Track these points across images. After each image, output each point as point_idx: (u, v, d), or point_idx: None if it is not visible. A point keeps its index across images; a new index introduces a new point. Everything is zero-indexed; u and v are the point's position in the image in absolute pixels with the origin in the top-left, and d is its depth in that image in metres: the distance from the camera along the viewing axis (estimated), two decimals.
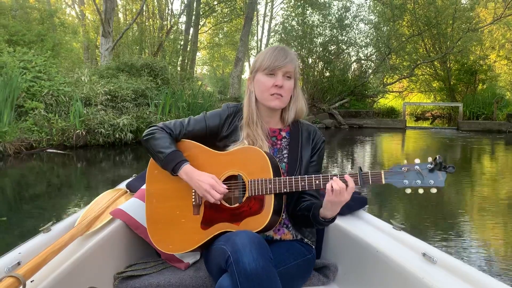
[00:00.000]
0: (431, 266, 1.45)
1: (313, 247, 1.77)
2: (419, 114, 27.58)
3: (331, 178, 1.47)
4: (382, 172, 1.46)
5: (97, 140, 9.75)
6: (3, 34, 11.83)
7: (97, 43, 20.52)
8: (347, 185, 1.44)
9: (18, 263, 1.43)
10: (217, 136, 1.75)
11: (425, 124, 22.99)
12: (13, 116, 8.91)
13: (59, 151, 8.98)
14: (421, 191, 1.43)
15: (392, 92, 25.00)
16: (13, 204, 5.27)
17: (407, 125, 19.36)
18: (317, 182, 1.51)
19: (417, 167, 1.44)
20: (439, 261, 1.46)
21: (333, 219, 1.55)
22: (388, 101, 25.67)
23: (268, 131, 1.74)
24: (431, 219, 4.66)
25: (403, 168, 1.45)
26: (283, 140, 1.75)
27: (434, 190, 1.42)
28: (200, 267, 1.87)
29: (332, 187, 1.44)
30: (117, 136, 9.87)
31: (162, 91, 12.25)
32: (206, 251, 1.65)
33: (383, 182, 1.46)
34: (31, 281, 1.34)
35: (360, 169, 1.49)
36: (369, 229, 1.87)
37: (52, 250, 1.45)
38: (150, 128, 1.72)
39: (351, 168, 8.21)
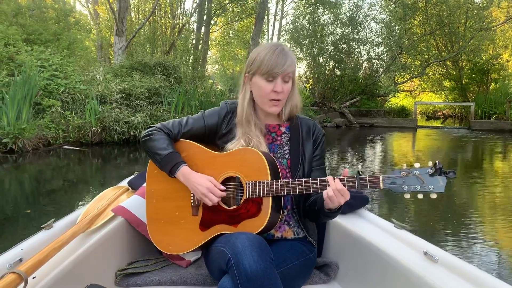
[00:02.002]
0: (432, 265, 1.45)
1: (315, 246, 1.76)
2: (430, 113, 27.44)
3: (328, 183, 1.47)
4: (381, 176, 1.44)
5: (112, 137, 9.93)
6: (21, 34, 12.07)
7: (111, 42, 20.77)
8: (339, 190, 1.45)
9: (20, 260, 1.43)
10: (216, 135, 1.73)
11: (436, 123, 22.86)
12: (31, 114, 9.11)
13: (75, 148, 9.18)
14: (420, 196, 1.41)
15: (403, 91, 24.92)
16: (31, 199, 5.42)
17: (418, 124, 19.28)
18: (314, 185, 1.50)
19: (416, 171, 1.41)
20: (441, 259, 1.45)
21: (339, 208, 1.55)
22: (399, 100, 25.58)
23: (265, 127, 1.73)
24: (440, 219, 4.64)
25: (402, 173, 1.42)
26: (283, 135, 1.74)
27: (434, 196, 1.40)
28: (201, 265, 1.88)
29: (327, 195, 1.45)
30: (131, 133, 10.03)
31: (175, 90, 12.41)
32: (206, 251, 1.64)
33: (381, 187, 1.44)
34: (33, 278, 1.35)
35: (358, 173, 1.47)
36: (370, 228, 1.87)
37: (53, 247, 1.45)
38: (148, 129, 1.70)
39: (361, 167, 8.27)
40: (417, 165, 1.42)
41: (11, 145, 8.08)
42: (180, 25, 21.50)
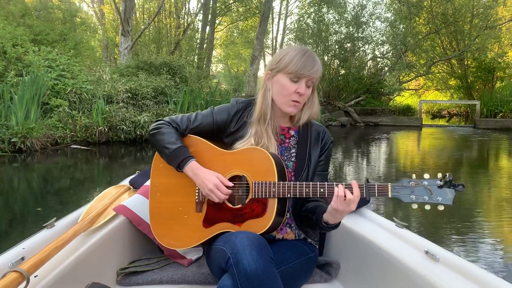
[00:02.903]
0: (433, 264, 1.45)
1: (316, 246, 1.76)
2: (436, 112, 27.35)
3: (337, 186, 1.45)
4: (389, 185, 1.44)
5: (119, 136, 10.02)
6: (28, 34, 12.17)
7: (116, 42, 20.89)
8: (353, 194, 1.43)
9: (22, 258, 1.42)
10: (224, 132, 1.72)
11: (442, 122, 22.79)
12: (39, 113, 9.20)
13: (82, 147, 9.25)
14: (427, 207, 1.41)
15: (408, 90, 24.88)
16: (39, 198, 5.49)
17: (423, 123, 19.23)
18: (321, 190, 1.49)
19: (425, 182, 1.41)
20: (442, 258, 1.45)
21: (336, 225, 1.54)
22: (404, 99, 25.53)
23: (278, 129, 1.72)
24: (445, 218, 4.61)
25: (411, 183, 1.43)
26: (291, 138, 1.73)
27: (441, 208, 1.40)
28: (203, 264, 1.88)
29: (345, 195, 1.42)
30: (138, 132, 10.11)
31: (180, 89, 12.50)
32: (208, 249, 1.64)
33: (390, 195, 1.44)
34: (35, 276, 1.34)
35: (367, 180, 1.47)
36: (371, 227, 1.86)
37: (55, 246, 1.45)
38: (157, 122, 1.69)
39: (366, 167, 8.29)
40: (426, 176, 1.42)
41: (19, 145, 8.16)
42: (185, 24, 21.58)
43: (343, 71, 21.38)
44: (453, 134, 15.29)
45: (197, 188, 1.63)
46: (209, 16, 20.22)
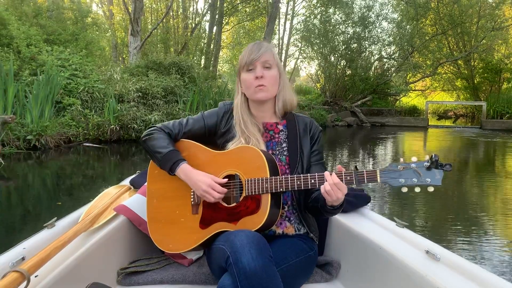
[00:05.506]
0: (434, 263, 1.44)
1: (316, 242, 1.77)
2: (442, 112, 27.34)
3: (325, 179, 1.48)
4: (378, 170, 1.45)
5: (130, 135, 10.22)
6: (41, 34, 12.38)
7: (125, 42, 21.08)
8: (336, 184, 1.46)
9: (23, 258, 1.43)
10: (216, 134, 1.77)
11: (448, 122, 22.78)
12: (53, 112, 9.41)
13: (94, 145, 9.45)
14: (417, 189, 1.42)
15: (415, 90, 24.91)
16: (52, 194, 5.65)
17: (429, 123, 19.30)
18: (312, 181, 1.51)
19: (413, 165, 1.42)
20: (443, 258, 1.45)
21: (342, 205, 1.55)
22: (410, 99, 25.56)
23: (262, 126, 1.76)
24: (450, 219, 4.67)
25: (399, 167, 1.44)
26: (280, 133, 1.77)
27: (431, 189, 1.40)
28: (203, 263, 1.88)
29: (325, 189, 1.47)
30: None
31: (189, 89, 12.67)
32: (208, 249, 1.65)
33: (379, 181, 1.45)
34: (35, 276, 1.34)
35: (356, 168, 1.48)
36: (372, 226, 1.86)
37: (56, 246, 1.45)
38: (149, 129, 1.74)
39: (371, 166, 8.40)
40: (414, 159, 1.44)
41: (34, 142, 8.38)
42: (193, 25, 21.75)
43: (350, 72, 21.45)
44: (459, 135, 15.33)
45: (192, 190, 1.66)
46: (216, 16, 20.35)
